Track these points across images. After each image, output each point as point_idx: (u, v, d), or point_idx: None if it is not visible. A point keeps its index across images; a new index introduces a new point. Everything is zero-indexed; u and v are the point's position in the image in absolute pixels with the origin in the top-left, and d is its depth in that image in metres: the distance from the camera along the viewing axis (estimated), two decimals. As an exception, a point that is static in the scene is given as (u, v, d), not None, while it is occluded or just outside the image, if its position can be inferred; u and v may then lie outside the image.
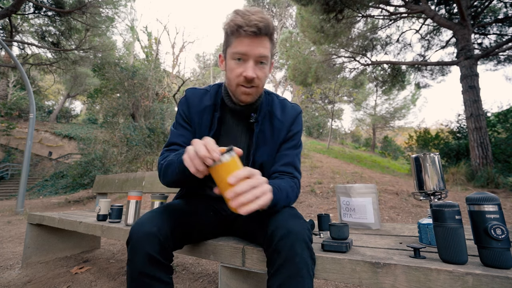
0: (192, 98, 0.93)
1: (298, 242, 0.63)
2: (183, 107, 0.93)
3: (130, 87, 11.62)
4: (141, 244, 0.67)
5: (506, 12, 6.49)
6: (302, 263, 0.61)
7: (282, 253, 0.62)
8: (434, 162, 0.82)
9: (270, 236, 0.66)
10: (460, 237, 0.61)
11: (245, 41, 0.74)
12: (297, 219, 0.70)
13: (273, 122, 0.91)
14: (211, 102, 0.92)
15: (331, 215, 2.57)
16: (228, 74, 0.82)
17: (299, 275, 0.60)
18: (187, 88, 0.97)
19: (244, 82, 0.79)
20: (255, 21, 0.72)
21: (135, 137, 8.77)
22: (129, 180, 2.08)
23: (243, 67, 0.77)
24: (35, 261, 1.91)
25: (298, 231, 0.64)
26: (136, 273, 0.67)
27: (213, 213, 0.96)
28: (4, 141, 15.94)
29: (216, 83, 0.97)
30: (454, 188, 4.44)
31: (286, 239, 0.63)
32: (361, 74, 9.04)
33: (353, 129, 24.47)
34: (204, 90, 0.95)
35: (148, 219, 0.72)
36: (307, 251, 0.64)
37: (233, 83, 0.81)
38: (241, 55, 0.76)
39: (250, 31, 0.72)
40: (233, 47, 0.77)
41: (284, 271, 0.61)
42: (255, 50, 0.75)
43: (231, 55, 0.78)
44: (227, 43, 0.80)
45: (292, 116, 0.93)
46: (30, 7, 10.02)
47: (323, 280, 1.52)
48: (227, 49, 0.80)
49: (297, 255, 0.61)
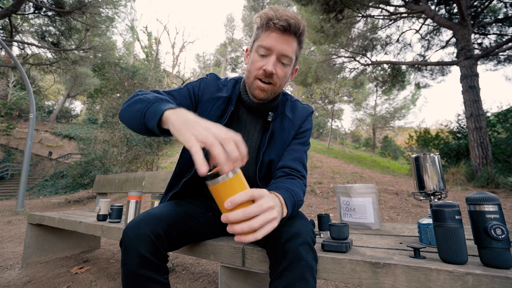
0: (210, 84, 0.91)
1: (303, 245, 0.63)
2: (199, 85, 0.90)
3: (130, 87, 11.62)
4: (134, 245, 0.68)
5: (506, 12, 6.50)
6: (307, 266, 0.61)
7: (287, 256, 0.62)
8: (434, 162, 0.82)
9: (275, 238, 0.66)
10: (460, 237, 0.60)
11: (272, 35, 0.74)
12: (302, 220, 0.70)
13: (284, 122, 0.91)
14: (227, 94, 0.90)
15: (331, 215, 2.57)
16: (249, 66, 0.81)
17: (303, 278, 0.60)
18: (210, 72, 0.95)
19: (262, 76, 0.78)
20: (286, 16, 0.72)
21: (135, 137, 8.77)
22: (129, 180, 2.08)
23: (265, 61, 0.77)
24: (35, 261, 1.91)
25: (302, 233, 0.64)
26: (130, 274, 0.67)
27: (212, 213, 0.96)
28: (4, 141, 15.94)
29: (233, 77, 0.96)
30: (454, 188, 4.44)
31: (292, 242, 0.63)
32: (361, 74, 9.05)
33: (353, 129, 24.48)
34: (225, 81, 0.94)
35: (140, 220, 0.72)
36: (311, 253, 0.64)
37: (251, 75, 0.80)
38: (266, 49, 0.76)
39: (279, 24, 0.72)
40: (259, 40, 0.77)
41: (289, 274, 0.61)
42: (279, 46, 0.74)
43: (256, 48, 0.78)
44: (256, 36, 0.79)
45: (303, 116, 0.94)
46: (30, 7, 10.03)
47: (323, 280, 1.52)
48: (254, 43, 0.80)
49: (302, 258, 0.61)
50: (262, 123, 0.92)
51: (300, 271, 0.60)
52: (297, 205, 0.73)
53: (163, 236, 0.72)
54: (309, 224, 0.70)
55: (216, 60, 30.12)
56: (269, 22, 0.73)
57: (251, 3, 22.07)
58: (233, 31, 27.78)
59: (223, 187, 0.49)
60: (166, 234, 0.73)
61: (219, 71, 27.84)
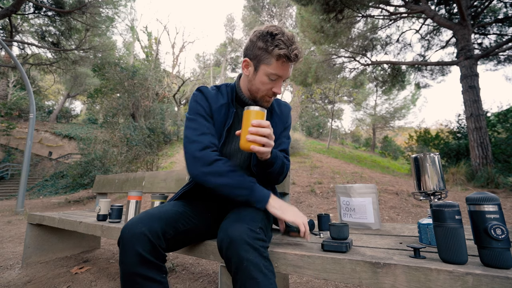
0: (209, 95, 0.98)
1: (241, 247, 0.65)
2: (204, 101, 0.96)
3: (130, 87, 11.63)
4: (132, 244, 0.68)
5: (506, 12, 6.49)
6: (251, 265, 0.63)
7: (232, 261, 0.66)
8: (434, 162, 0.82)
9: (219, 248, 0.71)
10: (460, 237, 0.60)
11: (283, 67, 0.86)
12: (238, 222, 0.72)
13: (274, 117, 1.05)
14: (225, 100, 0.99)
15: (331, 215, 2.57)
16: (258, 85, 0.91)
17: (251, 277, 0.63)
18: (200, 85, 1.01)
19: (270, 95, 0.92)
20: (297, 56, 0.84)
21: (135, 137, 8.78)
22: (129, 180, 2.08)
23: (273, 84, 0.89)
24: (35, 261, 1.91)
25: (237, 236, 0.67)
26: (128, 272, 0.68)
27: (211, 214, 0.96)
28: (4, 141, 15.94)
29: (223, 84, 1.04)
30: (454, 188, 4.44)
31: (231, 248, 0.67)
32: (361, 74, 9.04)
33: (353, 129, 24.47)
34: (215, 89, 1.01)
35: (138, 220, 0.73)
36: (253, 251, 0.66)
37: (260, 93, 0.92)
38: (276, 76, 0.87)
39: (291, 60, 0.84)
40: (271, 68, 0.86)
41: (239, 277, 0.64)
42: (287, 74, 0.89)
43: (267, 73, 0.87)
44: (264, 59, 0.86)
45: (287, 112, 1.10)
46: (30, 7, 10.02)
47: (323, 280, 1.52)
48: (261, 64, 0.87)
49: (243, 259, 0.64)
50: None
51: (246, 272, 0.63)
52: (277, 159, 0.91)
53: (160, 235, 0.72)
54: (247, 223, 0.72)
55: (216, 60, 30.10)
56: (283, 57, 0.83)
57: (251, 3, 22.06)
58: (233, 31, 27.77)
59: (253, 113, 0.80)
60: (163, 233, 0.74)
61: (219, 71, 27.82)
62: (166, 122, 13.71)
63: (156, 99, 13.92)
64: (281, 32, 0.84)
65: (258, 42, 0.85)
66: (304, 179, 4.83)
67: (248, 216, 0.77)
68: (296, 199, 3.80)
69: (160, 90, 14.97)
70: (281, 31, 0.84)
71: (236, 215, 0.78)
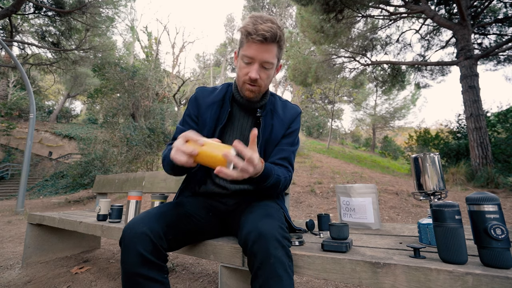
0: (201, 96, 1.00)
1: (270, 243, 0.65)
2: (192, 105, 1.00)
3: (130, 87, 11.62)
4: (133, 244, 0.68)
5: (506, 12, 6.49)
6: (278, 262, 0.63)
7: (258, 256, 0.65)
8: (434, 162, 0.82)
9: (244, 241, 0.69)
10: (460, 237, 0.61)
11: (253, 46, 0.82)
12: (268, 218, 0.71)
13: (274, 118, 1.00)
14: (219, 97, 0.99)
15: (331, 215, 2.57)
16: (238, 71, 0.90)
17: (276, 275, 0.62)
18: (198, 87, 1.04)
19: (248, 81, 0.87)
20: (262, 30, 0.78)
21: (135, 137, 8.78)
22: (129, 180, 2.07)
23: (249, 68, 0.85)
24: (35, 261, 1.91)
25: (268, 231, 0.66)
26: (130, 272, 0.68)
27: (212, 213, 0.96)
28: (4, 141, 15.93)
29: (226, 83, 1.05)
30: (454, 188, 4.44)
31: (259, 242, 0.65)
32: (361, 74, 9.04)
33: (353, 129, 24.46)
34: (212, 88, 1.03)
35: (140, 220, 0.73)
36: (281, 249, 0.65)
37: (240, 80, 0.90)
38: (249, 58, 0.84)
39: (257, 39, 0.79)
40: (243, 50, 0.84)
41: (261, 273, 0.63)
42: (260, 56, 0.82)
43: (241, 56, 0.86)
44: (241, 44, 0.86)
45: (292, 115, 1.03)
46: (30, 7, 10.02)
47: (323, 280, 1.52)
48: (239, 50, 0.87)
49: (271, 256, 0.63)
50: (253, 119, 1.00)
51: (272, 269, 0.62)
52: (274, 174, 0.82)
53: (162, 235, 0.72)
54: (277, 221, 0.72)
55: (216, 60, 30.10)
56: (248, 36, 0.80)
57: (251, 3, 22.07)
58: (233, 31, 27.78)
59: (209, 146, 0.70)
60: (165, 233, 0.74)
61: (219, 71, 27.83)
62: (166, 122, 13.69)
63: (156, 99, 13.92)
64: (257, 15, 0.82)
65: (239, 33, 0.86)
66: (304, 179, 4.83)
67: (277, 213, 0.78)
68: (296, 199, 3.80)
69: (160, 90, 14.97)
70: (257, 14, 0.82)
71: (265, 210, 0.78)
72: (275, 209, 0.84)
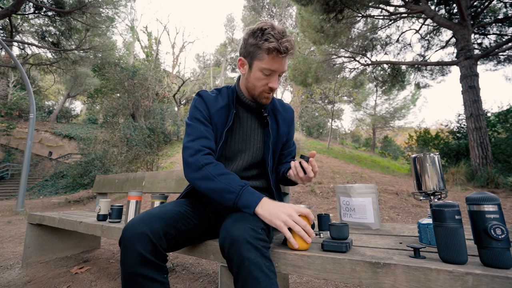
0: (208, 99, 0.98)
1: (243, 246, 0.65)
2: (202, 106, 0.97)
3: (130, 87, 11.63)
4: (133, 244, 0.68)
5: (506, 12, 6.49)
6: (253, 265, 0.63)
7: (234, 261, 0.66)
8: (434, 162, 0.82)
9: (221, 247, 0.71)
10: (460, 237, 0.60)
11: (276, 60, 0.86)
12: (240, 222, 0.72)
13: (278, 116, 1.05)
14: (225, 102, 0.99)
15: (331, 215, 2.57)
16: (254, 81, 0.92)
17: (253, 277, 0.63)
18: (200, 90, 1.02)
19: (268, 90, 0.92)
20: (287, 47, 0.83)
21: (135, 137, 8.78)
22: (129, 180, 2.07)
23: (269, 79, 0.90)
24: (35, 261, 1.91)
25: (239, 235, 0.67)
26: (129, 272, 0.68)
27: (213, 214, 0.96)
28: (4, 141, 15.93)
29: (224, 86, 1.06)
30: (454, 188, 4.44)
31: (232, 247, 0.67)
32: (361, 74, 9.04)
33: (353, 129, 24.47)
34: (215, 93, 1.02)
35: (139, 220, 0.73)
36: (255, 251, 0.66)
37: (257, 89, 0.93)
38: (271, 71, 0.88)
39: (282, 56, 0.85)
40: (264, 63, 0.86)
41: (240, 277, 0.64)
42: (281, 68, 0.88)
43: (261, 68, 0.88)
44: (256, 55, 0.87)
45: (291, 115, 1.11)
46: (30, 7, 10.02)
47: (323, 280, 1.52)
48: (254, 60, 0.88)
49: (245, 259, 0.64)
50: (259, 119, 1.04)
51: (248, 272, 0.63)
52: None
53: (161, 235, 0.72)
54: (249, 223, 0.72)
55: (216, 60, 30.08)
56: (274, 51, 0.83)
57: (251, 3, 22.06)
58: (233, 31, 27.76)
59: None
60: (165, 233, 0.74)
61: (219, 71, 27.80)
62: (166, 122, 13.69)
63: (156, 99, 13.92)
64: (271, 26, 0.84)
65: (250, 39, 0.86)
66: (304, 179, 4.82)
67: (251, 216, 0.77)
68: (296, 199, 3.80)
69: (160, 90, 14.97)
70: (271, 25, 0.84)
71: (239, 215, 0.78)
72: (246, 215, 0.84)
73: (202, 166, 0.84)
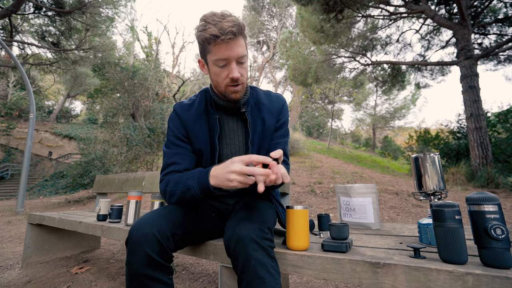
0: (182, 112, 0.94)
1: (249, 246, 0.65)
2: (175, 123, 0.94)
3: (130, 87, 11.62)
4: (140, 244, 0.68)
5: (506, 12, 6.49)
6: (259, 264, 0.63)
7: (239, 260, 0.65)
8: (434, 162, 0.82)
9: (227, 246, 0.70)
10: (460, 237, 0.60)
11: (223, 47, 0.77)
12: (246, 222, 0.71)
13: (261, 110, 0.96)
14: (203, 107, 0.95)
15: (331, 215, 2.57)
16: (214, 78, 0.85)
17: (259, 277, 0.62)
18: (174, 104, 0.99)
19: (231, 83, 0.83)
20: (229, 28, 0.74)
21: (135, 137, 8.77)
22: (129, 180, 2.07)
23: (227, 69, 0.81)
24: (35, 261, 1.91)
25: (246, 235, 0.67)
26: (135, 273, 0.67)
27: (215, 214, 0.96)
28: (4, 141, 15.93)
29: (200, 91, 1.01)
30: (454, 188, 4.44)
31: (239, 246, 0.66)
32: (361, 74, 9.04)
33: (353, 129, 24.47)
34: (190, 102, 0.98)
35: (147, 220, 0.73)
36: (261, 251, 0.65)
37: (221, 85, 0.85)
38: (223, 60, 0.79)
39: (227, 38, 0.75)
40: (213, 54, 0.79)
41: (245, 276, 0.64)
42: (234, 53, 0.78)
43: (213, 61, 0.81)
44: (206, 50, 0.81)
45: (279, 105, 0.99)
46: (30, 7, 10.02)
47: (323, 280, 1.52)
48: (206, 56, 0.83)
49: (251, 258, 0.64)
50: (240, 118, 0.97)
51: (253, 271, 0.63)
52: None
53: (169, 235, 0.72)
54: (256, 223, 0.71)
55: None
56: (216, 39, 0.75)
57: (251, 3, 22.05)
58: (233, 31, 27.67)
59: None
60: (172, 234, 0.73)
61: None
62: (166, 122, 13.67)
63: (156, 99, 13.91)
64: (211, 14, 0.78)
65: (197, 38, 0.81)
66: (304, 179, 4.83)
67: (258, 215, 0.77)
68: (296, 199, 3.80)
69: (160, 90, 14.96)
70: (211, 13, 0.78)
71: (245, 214, 0.77)
72: (259, 210, 0.82)
73: (165, 191, 0.86)
